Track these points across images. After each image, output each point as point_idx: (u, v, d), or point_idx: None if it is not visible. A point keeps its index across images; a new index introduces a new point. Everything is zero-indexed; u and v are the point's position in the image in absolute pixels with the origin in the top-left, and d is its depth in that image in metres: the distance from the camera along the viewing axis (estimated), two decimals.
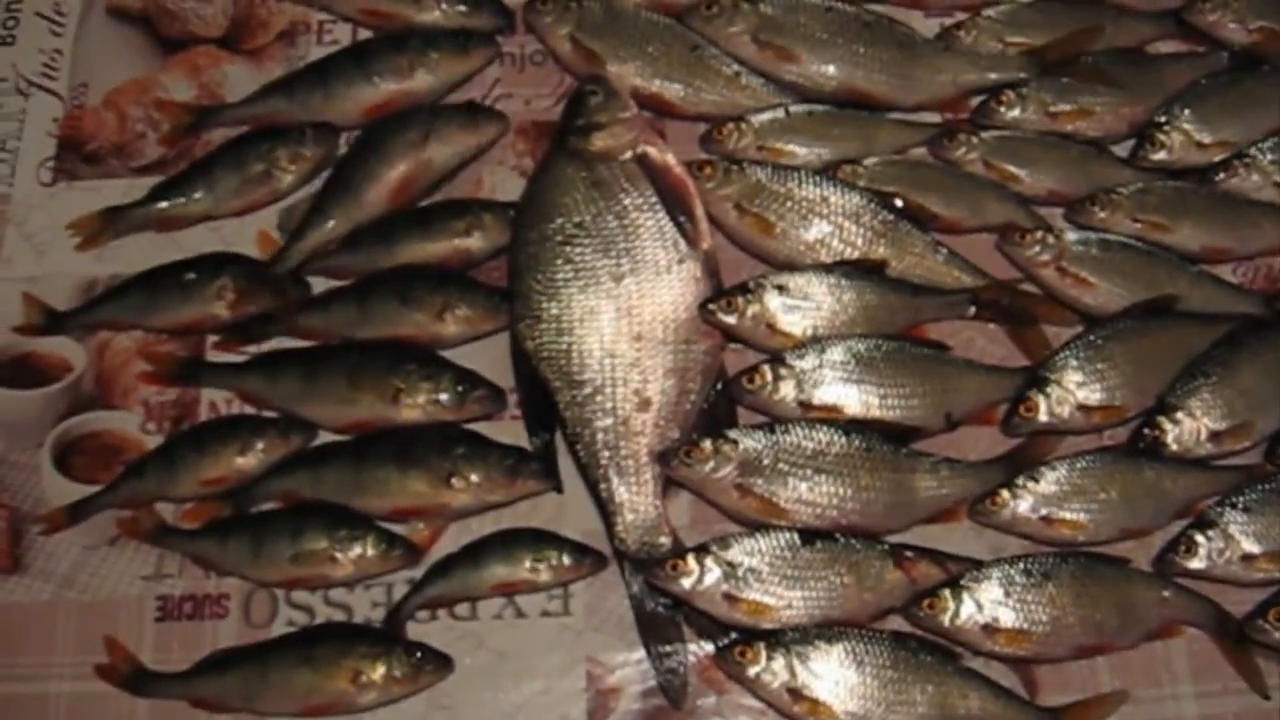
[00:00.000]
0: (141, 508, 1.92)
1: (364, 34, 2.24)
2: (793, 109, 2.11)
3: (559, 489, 1.91)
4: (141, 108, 2.20)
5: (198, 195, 2.07)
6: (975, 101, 2.16)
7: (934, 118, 2.16)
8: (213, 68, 2.23)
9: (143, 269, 2.04)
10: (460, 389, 1.92)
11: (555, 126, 2.08)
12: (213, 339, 2.04)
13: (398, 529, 1.88)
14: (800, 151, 2.10)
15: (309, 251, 2.04)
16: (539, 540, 1.87)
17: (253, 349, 2.03)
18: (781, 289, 1.95)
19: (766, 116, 2.11)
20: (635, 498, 1.87)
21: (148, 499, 1.92)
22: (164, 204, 2.07)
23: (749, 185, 2.03)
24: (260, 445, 1.92)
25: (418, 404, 1.91)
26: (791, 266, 1.99)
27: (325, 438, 1.96)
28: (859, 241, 2.02)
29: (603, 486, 1.88)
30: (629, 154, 2.02)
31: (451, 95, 2.18)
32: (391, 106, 2.12)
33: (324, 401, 1.93)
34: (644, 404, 1.91)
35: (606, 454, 1.88)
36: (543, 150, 2.10)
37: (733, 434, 1.85)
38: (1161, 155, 2.12)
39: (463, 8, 2.19)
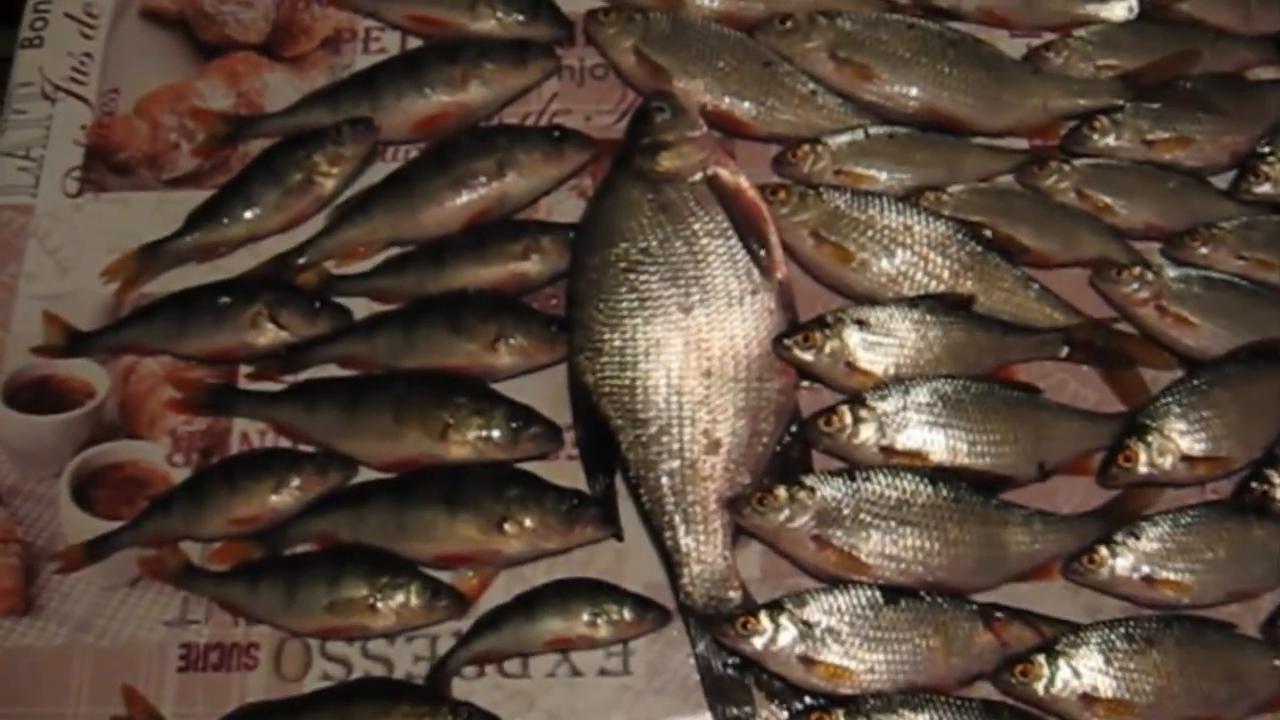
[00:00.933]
0: (166, 546, 1.76)
1: (413, 43, 2.10)
2: (872, 131, 1.97)
3: (619, 536, 1.75)
4: (176, 116, 2.06)
5: (237, 216, 1.92)
6: (1066, 127, 2.02)
7: (1021, 143, 2.02)
8: (252, 75, 2.10)
9: (174, 290, 1.91)
10: (514, 426, 1.76)
11: (618, 145, 1.94)
12: (246, 369, 1.89)
13: (444, 576, 1.73)
14: (880, 176, 1.95)
15: (337, 250, 1.90)
16: (597, 592, 1.71)
17: (290, 379, 1.88)
18: (862, 324, 1.79)
19: (844, 138, 1.96)
20: (703, 547, 1.70)
21: (173, 537, 1.76)
22: (202, 231, 1.93)
23: (827, 211, 1.87)
24: (296, 482, 1.75)
25: (467, 441, 1.75)
26: (872, 300, 1.84)
27: (366, 475, 1.80)
28: (945, 274, 1.86)
29: (667, 535, 1.72)
30: (698, 175, 1.86)
31: (506, 110, 2.05)
32: (443, 120, 1.99)
33: (366, 436, 1.77)
34: (713, 446, 1.75)
35: (672, 499, 1.72)
36: (604, 170, 1.95)
37: (809, 480, 1.69)
38: (1266, 188, 1.96)
39: (520, 17, 2.05)
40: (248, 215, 1.92)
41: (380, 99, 1.98)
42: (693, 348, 1.77)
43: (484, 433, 1.76)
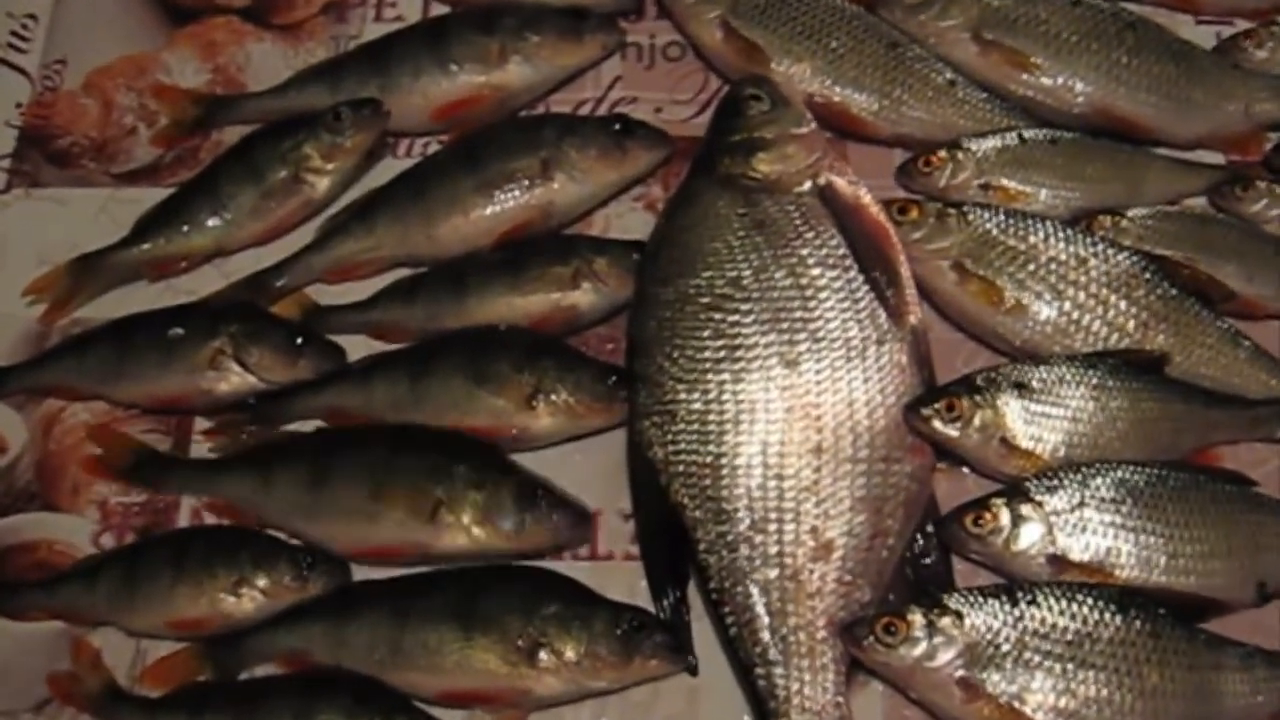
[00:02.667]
0: (83, 654, 1.38)
1: (438, 9, 1.81)
2: (1028, 134, 1.64)
3: (693, 671, 1.37)
4: (134, 94, 1.76)
5: (201, 223, 1.59)
6: (1273, 139, 1.70)
7: (1216, 157, 1.70)
8: (233, 46, 1.80)
9: (115, 316, 1.57)
10: (524, 508, 1.39)
11: (699, 145, 1.59)
12: (204, 422, 1.53)
13: (453, 716, 1.37)
14: (1040, 194, 1.61)
15: (328, 270, 1.57)
16: None
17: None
18: (1022, 389, 1.43)
19: (992, 144, 1.62)
20: (807, 690, 1.32)
21: (90, 618, 1.41)
22: (155, 241, 1.59)
23: (973, 237, 1.51)
24: (263, 582, 1.37)
25: (461, 525, 1.38)
26: (1034, 355, 1.48)
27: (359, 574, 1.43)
28: (1129, 325, 1.49)
29: (759, 671, 1.33)
30: (806, 185, 1.49)
31: (554, 96, 1.72)
32: (473, 106, 1.65)
33: (334, 515, 1.41)
34: (823, 550, 1.35)
35: (767, 622, 1.33)
36: (680, 177, 1.59)
37: (953, 602, 1.33)
38: None
39: None
40: (215, 222, 1.59)
41: (393, 78, 1.66)
42: (798, 415, 1.39)
43: (484, 514, 1.38)
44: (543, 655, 1.30)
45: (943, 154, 1.61)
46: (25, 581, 1.42)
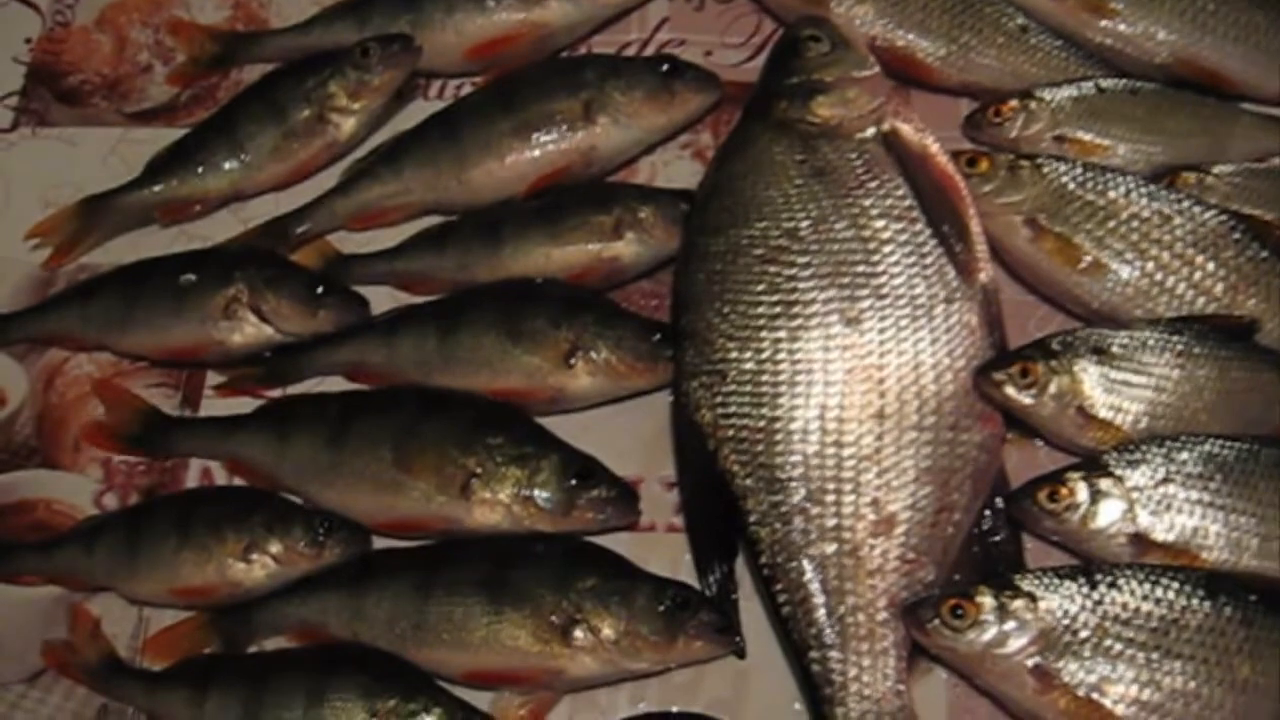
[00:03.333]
0: (81, 617, 1.27)
1: None
2: (1105, 84, 1.50)
3: (741, 652, 1.24)
4: (150, 30, 1.65)
5: (217, 165, 1.47)
6: None
7: None
8: None
9: (125, 261, 1.46)
10: (567, 481, 1.25)
11: (753, 90, 1.45)
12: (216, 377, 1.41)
13: (480, 699, 1.22)
14: (1119, 148, 1.47)
15: (353, 217, 1.45)
16: None
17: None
18: (1101, 354, 1.29)
19: (1068, 93, 1.49)
20: (866, 676, 1.18)
21: (88, 583, 1.29)
22: (168, 182, 1.48)
23: (1049, 191, 1.37)
24: (275, 548, 1.25)
25: (498, 500, 1.25)
26: (1112, 319, 1.35)
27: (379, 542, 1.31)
28: (1217, 288, 1.35)
29: (814, 655, 1.20)
30: (870, 131, 1.35)
31: (597, 37, 1.60)
32: (510, 44, 1.53)
33: (355, 484, 1.28)
34: (885, 524, 1.21)
35: (823, 601, 1.20)
36: (732, 124, 1.46)
37: (1027, 584, 1.19)
38: None
39: None
40: (232, 163, 1.48)
41: (425, 13, 1.53)
42: (860, 378, 1.25)
43: (522, 490, 1.25)
44: (578, 633, 1.18)
45: (1014, 103, 1.48)
46: (21, 543, 1.31)
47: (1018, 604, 1.17)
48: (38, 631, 1.26)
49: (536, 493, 1.24)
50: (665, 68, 1.47)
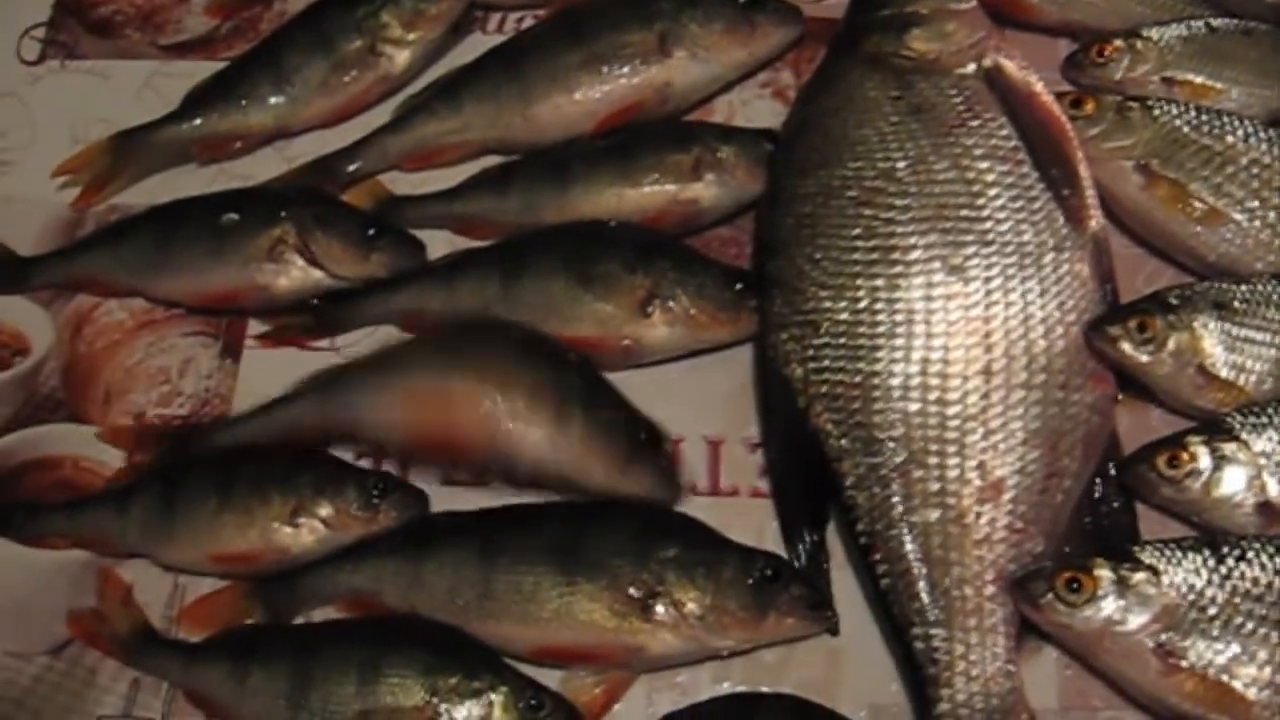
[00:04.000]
0: (111, 583, 1.14)
1: None
2: (1217, 24, 1.37)
3: (834, 629, 1.11)
4: None
5: (261, 99, 1.35)
6: None
7: None
8: None
9: (160, 202, 1.33)
10: (631, 432, 1.13)
11: (838, 25, 1.32)
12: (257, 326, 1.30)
13: (548, 678, 1.09)
14: (1232, 92, 1.32)
15: (408, 155, 1.33)
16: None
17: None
18: (1222, 309, 1.17)
19: (1177, 32, 1.35)
20: (974, 654, 1.06)
21: (119, 549, 1.17)
22: (208, 116, 1.36)
23: (1160, 135, 1.24)
24: (326, 510, 1.12)
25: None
26: (1230, 272, 1.22)
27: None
28: None
29: (916, 632, 1.07)
30: (970, 67, 1.22)
31: None
32: None
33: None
34: (992, 489, 1.08)
35: (926, 573, 1.08)
36: (815, 62, 1.33)
37: (1147, 556, 1.07)
38: None
39: None
40: (277, 97, 1.35)
41: None
42: (964, 330, 1.12)
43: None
44: (659, 607, 1.05)
45: (1119, 43, 1.34)
46: (45, 503, 1.18)
47: (1139, 577, 1.04)
48: (63, 599, 1.14)
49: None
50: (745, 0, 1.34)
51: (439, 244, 1.28)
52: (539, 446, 1.11)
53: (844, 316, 1.13)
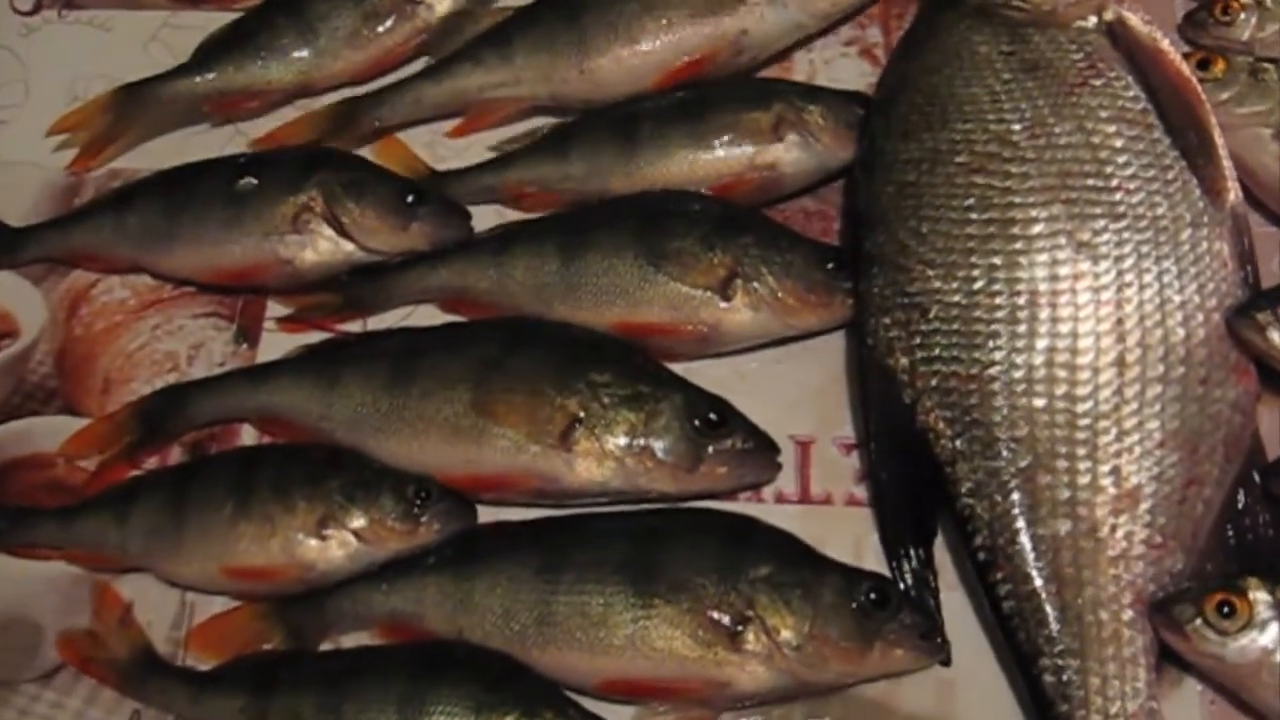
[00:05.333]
0: (108, 601, 0.98)
1: None
2: None
3: (946, 660, 0.94)
4: None
5: (282, 51, 1.19)
6: None
7: None
8: None
9: (168, 166, 1.17)
10: (693, 427, 0.97)
11: None
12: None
13: (618, 714, 0.93)
14: None
15: (444, 107, 1.16)
16: None
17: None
18: None
19: None
20: (1111, 689, 0.90)
21: (120, 562, 1.01)
22: (222, 70, 1.19)
23: None
24: (359, 521, 0.95)
25: (606, 450, 0.96)
26: None
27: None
28: None
29: (1045, 662, 0.91)
30: (1091, 20, 1.05)
31: None
32: None
33: (424, 434, 0.99)
34: (1128, 498, 0.92)
35: (1056, 593, 0.92)
36: (905, 19, 1.18)
37: None
38: None
39: None
40: (301, 50, 1.18)
41: None
42: (1095, 316, 0.96)
43: (640, 440, 0.96)
44: (750, 634, 0.89)
45: (1246, 0, 1.17)
46: (35, 507, 1.02)
47: None
48: (52, 619, 0.99)
49: (655, 442, 0.96)
50: None
51: (489, 220, 1.11)
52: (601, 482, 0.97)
53: (957, 299, 0.97)
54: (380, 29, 1.18)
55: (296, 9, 1.18)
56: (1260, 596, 0.90)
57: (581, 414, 0.96)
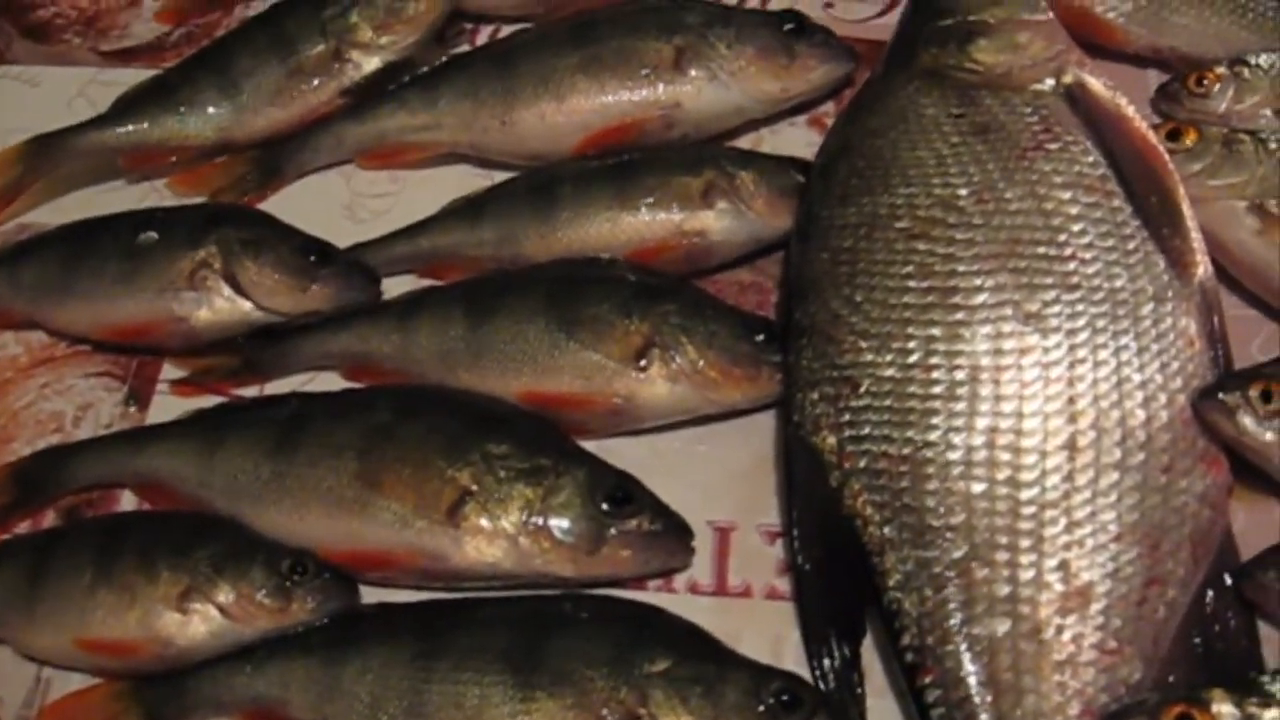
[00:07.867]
0: None
1: None
2: None
3: None
4: None
5: (202, 105, 1.12)
6: None
7: None
8: None
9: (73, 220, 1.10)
10: (596, 505, 0.87)
11: (890, 45, 1.08)
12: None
13: None
14: None
15: (363, 146, 1.10)
16: None
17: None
18: None
19: None
20: None
21: None
22: (139, 122, 1.12)
23: (1278, 171, 1.00)
24: (226, 595, 0.85)
25: (499, 528, 0.86)
26: None
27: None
28: None
29: None
30: (1048, 82, 0.98)
31: None
32: None
33: (305, 504, 0.90)
34: (1078, 597, 0.82)
35: (991, 703, 0.81)
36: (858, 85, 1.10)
37: (1277, 686, 0.81)
38: None
39: None
40: (222, 105, 1.11)
41: None
42: (1043, 394, 0.86)
43: (536, 518, 0.86)
44: None
45: (1221, 70, 1.09)
46: None
47: (1270, 715, 0.79)
48: None
49: (553, 520, 0.87)
50: (789, 25, 1.08)
51: (404, 289, 1.03)
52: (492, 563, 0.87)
53: (890, 372, 0.88)
54: (305, 86, 1.11)
55: (221, 65, 1.12)
56: (1225, 710, 0.79)
57: (473, 487, 0.87)
